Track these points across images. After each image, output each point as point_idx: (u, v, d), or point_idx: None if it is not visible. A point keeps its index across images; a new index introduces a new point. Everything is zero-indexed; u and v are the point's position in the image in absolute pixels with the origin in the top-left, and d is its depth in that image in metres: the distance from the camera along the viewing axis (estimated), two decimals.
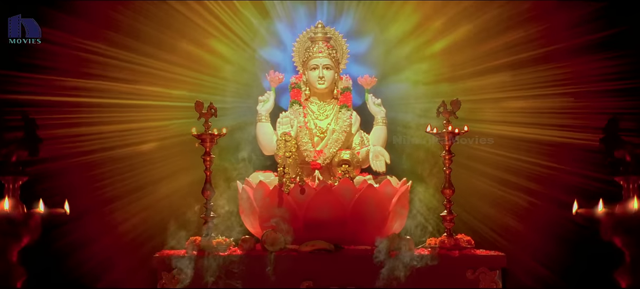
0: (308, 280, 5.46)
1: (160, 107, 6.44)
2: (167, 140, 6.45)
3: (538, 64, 6.33)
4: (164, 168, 6.43)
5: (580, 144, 6.06)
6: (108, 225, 6.18)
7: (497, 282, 5.46)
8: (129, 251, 6.14)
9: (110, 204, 6.24)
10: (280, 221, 5.56)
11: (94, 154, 6.27)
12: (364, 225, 5.73)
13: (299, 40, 6.42)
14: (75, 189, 5.98)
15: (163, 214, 6.17)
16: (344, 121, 6.20)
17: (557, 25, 6.20)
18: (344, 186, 5.76)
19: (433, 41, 6.60)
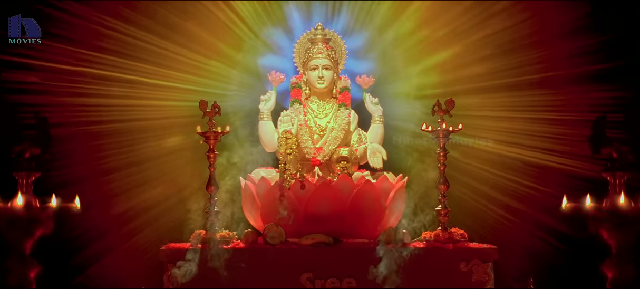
0: (308, 272, 5.46)
1: (169, 88, 6.50)
2: (167, 120, 6.51)
3: (533, 88, 6.35)
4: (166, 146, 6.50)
5: (565, 170, 6.13)
6: (105, 194, 6.21)
7: (489, 274, 5.47)
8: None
9: (109, 175, 6.28)
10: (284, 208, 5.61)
11: (98, 124, 6.30)
12: (362, 219, 5.76)
13: (299, 42, 6.44)
14: (77, 155, 6.08)
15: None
16: (343, 119, 6.23)
17: (557, 54, 6.21)
18: (343, 182, 5.79)
19: (433, 54, 6.62)
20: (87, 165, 6.14)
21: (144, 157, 6.40)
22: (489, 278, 5.46)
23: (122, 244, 6.20)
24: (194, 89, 6.43)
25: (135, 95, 6.39)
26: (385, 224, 5.80)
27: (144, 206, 6.34)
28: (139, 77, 6.39)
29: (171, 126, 6.47)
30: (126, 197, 6.29)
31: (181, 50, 6.49)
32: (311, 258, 5.51)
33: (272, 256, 5.51)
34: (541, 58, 6.32)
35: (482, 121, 6.46)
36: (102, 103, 6.30)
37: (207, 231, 5.59)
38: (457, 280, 5.48)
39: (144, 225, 6.30)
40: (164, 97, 6.47)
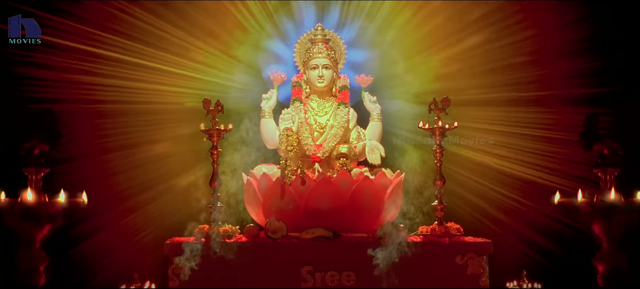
0: (308, 265, 5.49)
1: (177, 74, 6.52)
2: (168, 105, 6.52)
3: (529, 105, 6.36)
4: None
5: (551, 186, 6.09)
6: (105, 172, 6.23)
7: (484, 267, 5.50)
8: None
9: (109, 153, 6.30)
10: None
11: (103, 104, 6.30)
12: (361, 214, 5.77)
13: (300, 42, 6.46)
14: (80, 132, 6.10)
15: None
16: (342, 117, 6.25)
17: (555, 73, 6.21)
18: (342, 178, 5.80)
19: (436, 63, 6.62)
20: (90, 142, 6.19)
21: (144, 139, 6.44)
22: (484, 271, 5.49)
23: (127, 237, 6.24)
24: (201, 78, 6.51)
25: (144, 78, 6.46)
26: (383, 219, 5.82)
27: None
28: (148, 62, 6.44)
29: (176, 111, 6.51)
30: (127, 177, 6.34)
31: (190, 39, 6.55)
32: (311, 251, 5.53)
33: (274, 249, 5.54)
34: (538, 77, 6.33)
35: (475, 132, 6.50)
36: (108, 83, 6.34)
37: (210, 226, 5.61)
38: (453, 273, 5.50)
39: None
40: (171, 83, 6.53)
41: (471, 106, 6.44)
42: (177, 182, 6.49)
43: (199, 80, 6.51)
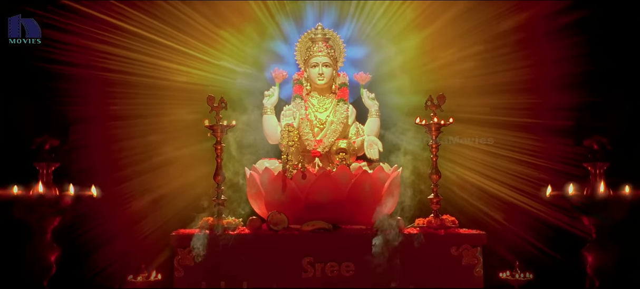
0: (309, 256, 5.53)
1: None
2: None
3: (519, 130, 6.37)
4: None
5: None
6: (111, 138, 6.25)
7: (478, 257, 5.53)
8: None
9: (115, 121, 6.32)
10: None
11: (112, 72, 6.30)
12: (359, 207, 5.79)
13: (300, 41, 6.48)
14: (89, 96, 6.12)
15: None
16: (342, 113, 6.27)
17: (544, 105, 6.21)
18: (342, 172, 5.83)
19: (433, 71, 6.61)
20: (97, 107, 6.19)
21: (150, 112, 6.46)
22: (478, 262, 5.52)
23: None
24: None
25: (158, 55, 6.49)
26: (381, 212, 5.78)
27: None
28: (163, 40, 6.47)
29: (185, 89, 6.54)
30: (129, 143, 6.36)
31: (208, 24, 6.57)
32: (312, 243, 5.56)
33: (275, 241, 5.57)
34: (530, 105, 6.31)
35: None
36: (121, 54, 6.36)
37: (214, 218, 5.66)
38: (448, 264, 5.54)
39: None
40: (185, 63, 6.56)
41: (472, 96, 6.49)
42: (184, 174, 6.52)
43: (212, 64, 6.57)
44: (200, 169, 6.35)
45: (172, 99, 6.48)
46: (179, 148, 6.51)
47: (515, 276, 5.39)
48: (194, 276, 5.48)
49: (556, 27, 6.20)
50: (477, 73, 6.48)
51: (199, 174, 6.35)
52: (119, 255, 6.02)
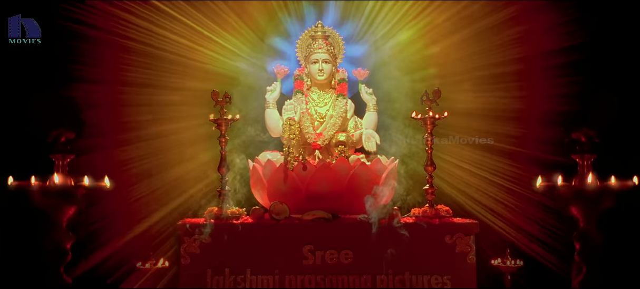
0: (309, 244, 5.57)
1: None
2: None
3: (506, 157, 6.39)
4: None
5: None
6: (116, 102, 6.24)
7: (471, 245, 5.57)
8: None
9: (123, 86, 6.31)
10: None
11: (132, 40, 6.32)
12: (358, 197, 5.79)
13: (301, 38, 6.50)
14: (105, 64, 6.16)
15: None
16: (341, 108, 6.30)
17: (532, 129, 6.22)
18: (341, 164, 5.88)
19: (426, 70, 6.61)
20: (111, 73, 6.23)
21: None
22: (471, 249, 5.57)
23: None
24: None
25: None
26: (378, 202, 5.79)
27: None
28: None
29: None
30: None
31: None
32: (312, 231, 5.61)
33: (277, 230, 5.61)
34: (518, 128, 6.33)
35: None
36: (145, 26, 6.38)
37: (219, 208, 5.71)
38: (442, 251, 5.57)
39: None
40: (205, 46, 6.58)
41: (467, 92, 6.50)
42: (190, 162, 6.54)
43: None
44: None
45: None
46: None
47: (506, 263, 5.38)
48: (199, 263, 5.53)
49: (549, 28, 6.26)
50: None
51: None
52: (128, 242, 6.06)
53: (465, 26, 6.47)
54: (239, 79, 6.48)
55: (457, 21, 6.50)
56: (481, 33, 6.45)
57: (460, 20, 6.49)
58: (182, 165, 6.51)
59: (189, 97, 6.46)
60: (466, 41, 6.49)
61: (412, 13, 6.57)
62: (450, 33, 6.52)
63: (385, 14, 6.66)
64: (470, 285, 5.55)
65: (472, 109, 6.45)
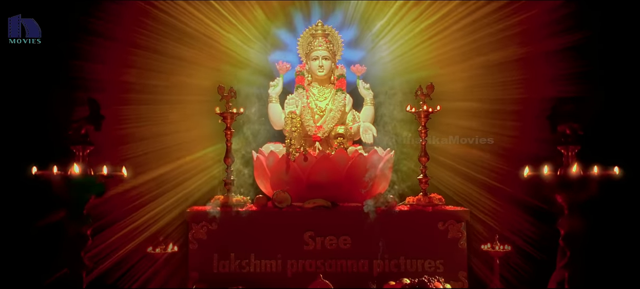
0: (310, 231, 5.68)
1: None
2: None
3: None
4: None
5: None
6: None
7: (462, 231, 5.69)
8: None
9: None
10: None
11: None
12: (356, 186, 5.91)
13: (302, 36, 6.55)
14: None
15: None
16: (339, 102, 6.37)
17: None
18: (340, 155, 5.96)
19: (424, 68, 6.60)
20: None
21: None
22: (462, 235, 5.69)
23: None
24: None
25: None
26: (375, 191, 5.96)
27: None
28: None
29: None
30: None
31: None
32: (313, 218, 5.72)
33: (280, 217, 5.73)
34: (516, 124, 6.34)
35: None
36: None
37: (224, 196, 5.83)
38: (435, 237, 5.69)
39: None
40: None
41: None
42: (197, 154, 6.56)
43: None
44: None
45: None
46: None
47: (495, 248, 5.44)
48: (206, 248, 5.64)
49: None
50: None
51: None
52: (138, 229, 6.09)
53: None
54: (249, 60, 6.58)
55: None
56: (477, 22, 6.50)
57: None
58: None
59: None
60: (462, 31, 6.55)
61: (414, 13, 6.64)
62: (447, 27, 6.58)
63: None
64: (461, 269, 5.65)
65: (467, 104, 6.51)
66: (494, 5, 6.38)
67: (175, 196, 6.31)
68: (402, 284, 5.31)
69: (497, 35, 6.38)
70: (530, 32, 6.31)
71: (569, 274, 4.64)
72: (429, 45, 6.61)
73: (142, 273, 5.78)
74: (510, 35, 6.36)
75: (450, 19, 6.52)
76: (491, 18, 6.39)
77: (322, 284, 5.32)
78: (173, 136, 6.45)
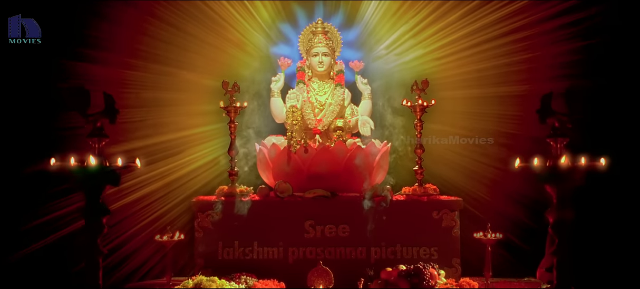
0: (310, 219, 5.76)
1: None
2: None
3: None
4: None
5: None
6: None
7: (456, 220, 5.78)
8: None
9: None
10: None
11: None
12: (354, 177, 5.99)
13: (303, 33, 6.64)
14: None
15: None
16: (339, 96, 6.45)
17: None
18: (339, 147, 6.04)
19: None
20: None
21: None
22: (456, 224, 5.79)
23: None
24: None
25: None
26: (373, 181, 6.05)
27: None
28: None
29: None
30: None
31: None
32: (313, 208, 5.80)
33: (281, 206, 5.80)
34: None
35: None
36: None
37: (228, 187, 5.92)
38: (430, 225, 5.78)
39: None
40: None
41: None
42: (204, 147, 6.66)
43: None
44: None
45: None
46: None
47: (487, 236, 5.47)
48: (211, 236, 5.74)
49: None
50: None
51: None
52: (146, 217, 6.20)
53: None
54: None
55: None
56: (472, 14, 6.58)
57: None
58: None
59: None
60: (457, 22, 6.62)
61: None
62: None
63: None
64: (454, 256, 5.75)
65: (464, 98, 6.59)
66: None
67: (181, 187, 6.40)
68: (399, 270, 5.37)
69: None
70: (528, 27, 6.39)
71: (557, 260, 4.66)
72: (428, 45, 6.69)
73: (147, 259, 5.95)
74: (508, 34, 6.43)
75: (447, 17, 6.60)
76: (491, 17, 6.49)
77: (322, 271, 5.40)
78: (180, 130, 6.52)
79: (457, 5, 6.61)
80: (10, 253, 5.66)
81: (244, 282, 5.36)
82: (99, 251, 4.25)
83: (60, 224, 5.75)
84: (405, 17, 6.74)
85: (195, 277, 5.27)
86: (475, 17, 6.56)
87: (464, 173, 6.58)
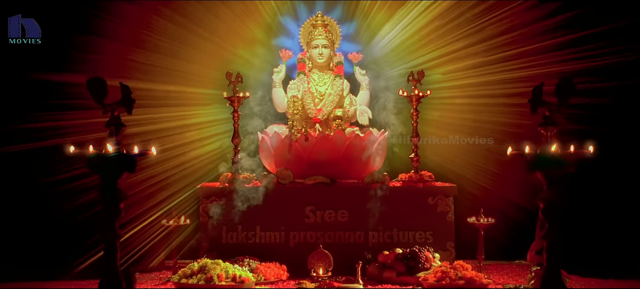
0: (311, 205, 5.88)
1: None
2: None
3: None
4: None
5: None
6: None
7: (450, 206, 5.90)
8: None
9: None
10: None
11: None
12: (353, 164, 6.10)
13: (303, 26, 6.73)
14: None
15: None
16: (338, 87, 6.55)
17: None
18: (338, 135, 6.14)
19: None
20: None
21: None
22: (450, 209, 5.91)
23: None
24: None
25: None
26: (371, 169, 6.15)
27: None
28: None
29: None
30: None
31: None
32: (313, 194, 5.92)
33: (283, 192, 5.91)
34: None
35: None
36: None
37: (232, 174, 6.02)
38: (425, 211, 5.91)
39: None
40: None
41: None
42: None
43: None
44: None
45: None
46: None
47: (480, 220, 5.55)
48: (215, 220, 5.83)
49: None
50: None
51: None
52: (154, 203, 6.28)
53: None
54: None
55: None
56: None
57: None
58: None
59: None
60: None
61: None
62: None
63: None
64: (449, 240, 5.87)
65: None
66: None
67: (187, 173, 6.49)
68: (395, 253, 5.47)
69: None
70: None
71: (547, 243, 4.70)
72: (423, 37, 6.78)
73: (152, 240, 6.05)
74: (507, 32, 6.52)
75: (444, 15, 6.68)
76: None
77: (322, 254, 5.48)
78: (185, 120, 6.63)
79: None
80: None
81: (247, 265, 5.43)
82: (117, 234, 4.37)
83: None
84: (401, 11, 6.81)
85: (201, 260, 5.34)
86: (474, 15, 6.63)
87: (458, 161, 6.64)
